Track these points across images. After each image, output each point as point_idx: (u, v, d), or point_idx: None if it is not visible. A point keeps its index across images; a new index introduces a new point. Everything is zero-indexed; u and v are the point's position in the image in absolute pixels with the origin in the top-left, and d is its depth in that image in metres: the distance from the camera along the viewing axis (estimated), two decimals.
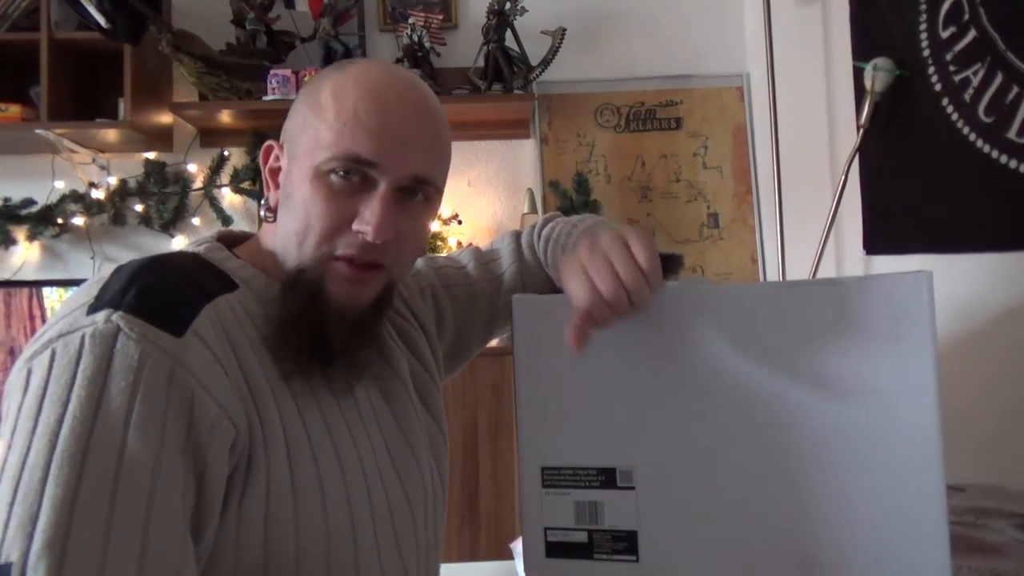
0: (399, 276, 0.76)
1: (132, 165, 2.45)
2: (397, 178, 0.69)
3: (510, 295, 0.91)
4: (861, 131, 1.56)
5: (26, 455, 0.54)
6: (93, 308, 0.59)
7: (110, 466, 0.54)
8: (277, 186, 0.74)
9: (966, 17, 1.28)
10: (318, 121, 0.69)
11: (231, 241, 0.78)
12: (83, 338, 0.57)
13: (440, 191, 0.76)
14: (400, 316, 0.87)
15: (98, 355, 0.57)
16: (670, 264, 0.83)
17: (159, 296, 0.61)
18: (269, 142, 0.75)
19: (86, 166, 2.44)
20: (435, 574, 0.83)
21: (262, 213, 0.76)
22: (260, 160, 0.76)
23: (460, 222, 2.45)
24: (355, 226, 0.68)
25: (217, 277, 0.69)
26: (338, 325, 0.69)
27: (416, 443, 0.80)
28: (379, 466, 0.73)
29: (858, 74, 1.58)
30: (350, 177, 0.68)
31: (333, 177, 0.68)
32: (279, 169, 0.74)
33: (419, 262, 0.96)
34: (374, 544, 0.70)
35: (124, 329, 0.58)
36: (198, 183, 2.45)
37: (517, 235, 0.97)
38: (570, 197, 2.41)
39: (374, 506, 0.71)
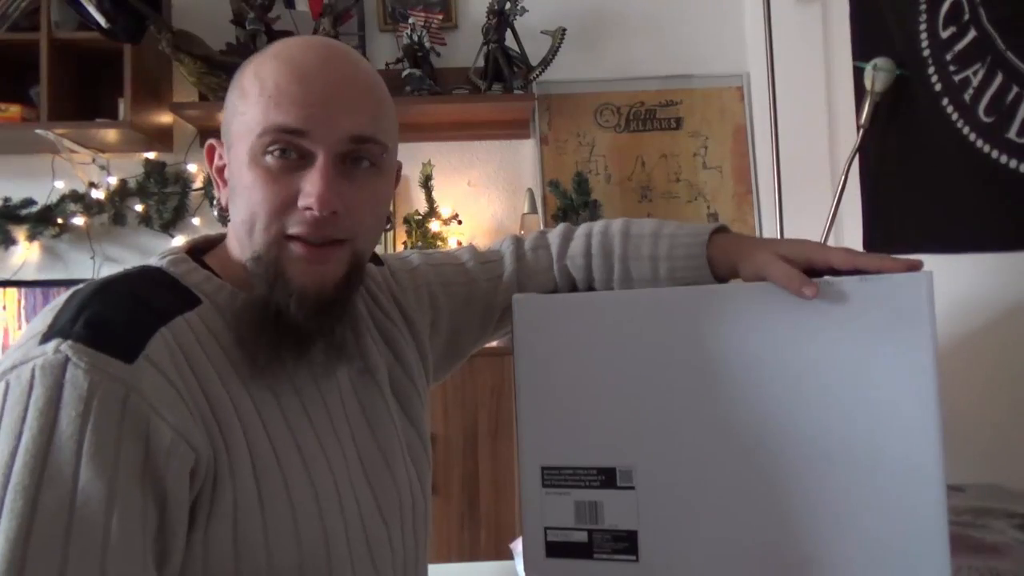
0: (365, 249, 0.74)
1: (132, 165, 2.44)
2: (333, 143, 0.67)
3: (507, 296, 0.91)
4: (861, 131, 1.56)
5: None
6: (45, 337, 0.59)
7: (64, 497, 0.54)
8: (225, 183, 0.72)
9: (966, 17, 1.27)
10: (244, 104, 0.68)
11: (207, 247, 0.76)
12: (34, 370, 0.57)
13: (388, 151, 0.72)
14: (386, 316, 0.85)
15: (48, 386, 0.56)
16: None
17: (109, 323, 0.60)
18: (210, 141, 0.75)
19: (86, 166, 2.43)
20: None
21: (215, 214, 0.76)
22: (206, 162, 0.75)
23: (460, 222, 2.45)
24: (300, 202, 0.66)
25: (178, 294, 0.67)
26: (300, 307, 0.67)
27: (391, 451, 0.78)
28: (350, 476, 0.72)
29: (858, 74, 1.58)
30: (287, 155, 0.66)
31: (269, 158, 0.66)
32: (224, 167, 0.73)
33: (416, 258, 0.94)
34: (347, 556, 0.70)
35: (72, 359, 0.57)
36: (198, 183, 2.44)
37: (517, 238, 0.97)
38: (570, 197, 2.41)
39: (346, 517, 0.70)
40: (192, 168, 2.45)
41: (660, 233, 0.87)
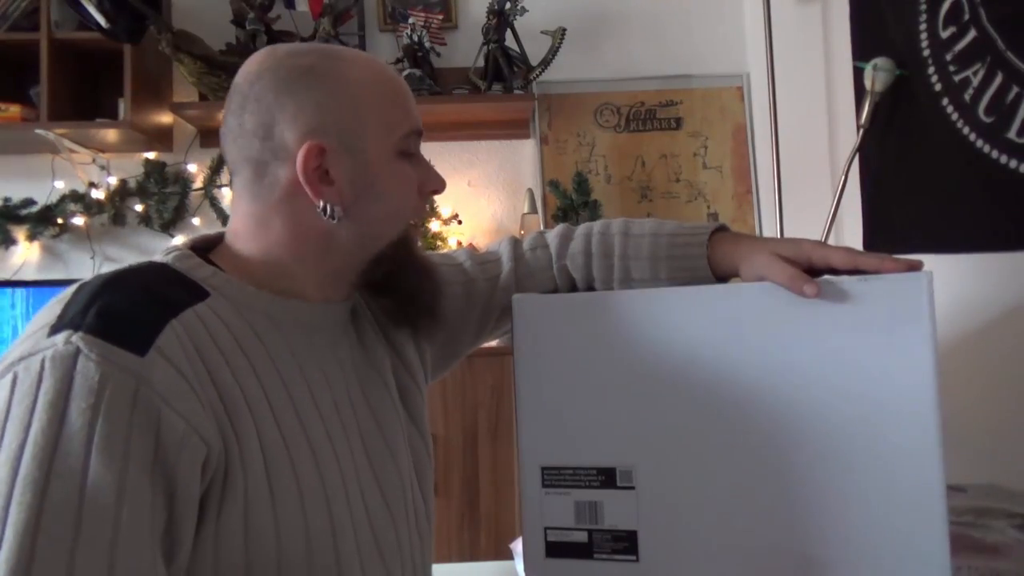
0: None
1: (132, 165, 2.45)
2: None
3: (505, 296, 0.91)
4: (861, 131, 1.56)
5: None
6: (55, 329, 0.59)
7: (73, 490, 0.54)
8: (330, 184, 0.71)
9: (966, 17, 1.27)
10: (375, 106, 0.73)
11: (208, 246, 0.76)
12: (43, 361, 0.57)
13: None
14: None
15: (58, 378, 0.56)
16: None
17: (120, 315, 0.60)
18: (309, 145, 0.69)
19: (86, 166, 2.43)
20: None
21: (333, 217, 0.71)
22: (300, 166, 0.69)
23: (460, 222, 2.45)
24: (429, 187, 0.78)
25: (186, 287, 0.67)
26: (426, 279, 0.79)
27: (395, 444, 0.79)
28: (356, 467, 0.73)
29: (858, 74, 1.58)
30: (413, 150, 0.76)
31: (406, 152, 0.75)
32: (324, 170, 0.70)
33: None
34: (355, 548, 0.70)
35: (84, 350, 0.57)
36: (198, 183, 2.45)
37: (515, 239, 0.97)
38: (570, 197, 2.41)
39: (352, 509, 0.70)
40: (192, 168, 2.46)
41: (660, 232, 0.87)
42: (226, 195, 2.45)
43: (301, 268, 0.73)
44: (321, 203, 0.71)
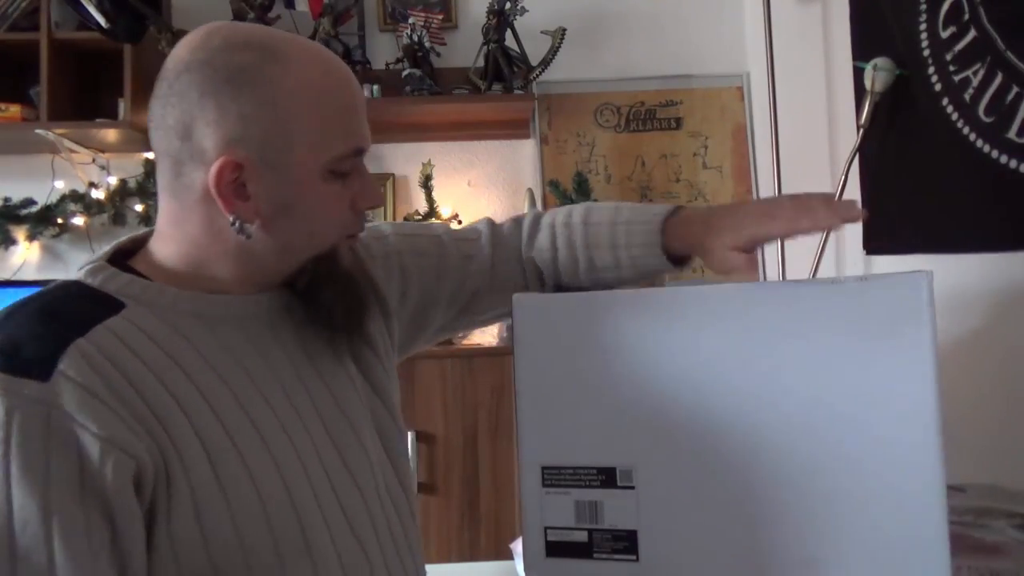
0: None
1: (132, 165, 2.44)
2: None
3: (479, 280, 0.91)
4: (861, 131, 1.56)
5: None
6: None
7: (1, 527, 0.55)
8: (245, 200, 0.68)
9: (966, 17, 1.27)
10: (309, 122, 0.68)
11: (136, 246, 0.75)
12: None
13: None
14: None
15: None
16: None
17: (18, 345, 0.60)
18: (224, 160, 0.66)
19: (86, 166, 2.43)
20: (409, 560, 0.79)
21: (242, 232, 0.69)
22: (212, 180, 0.66)
23: (460, 222, 2.45)
24: (365, 204, 0.74)
25: (97, 302, 0.66)
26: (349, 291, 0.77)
27: (356, 417, 0.77)
28: (315, 444, 0.72)
29: (858, 74, 1.58)
30: (347, 169, 0.72)
31: (338, 172, 0.71)
32: (240, 183, 0.67)
33: (387, 228, 0.94)
34: (322, 522, 0.69)
35: None
36: None
37: (493, 223, 0.96)
38: (570, 197, 2.41)
39: (315, 485, 0.70)
40: None
41: (617, 221, 0.88)
42: None
43: (220, 268, 0.71)
44: (232, 218, 0.68)
